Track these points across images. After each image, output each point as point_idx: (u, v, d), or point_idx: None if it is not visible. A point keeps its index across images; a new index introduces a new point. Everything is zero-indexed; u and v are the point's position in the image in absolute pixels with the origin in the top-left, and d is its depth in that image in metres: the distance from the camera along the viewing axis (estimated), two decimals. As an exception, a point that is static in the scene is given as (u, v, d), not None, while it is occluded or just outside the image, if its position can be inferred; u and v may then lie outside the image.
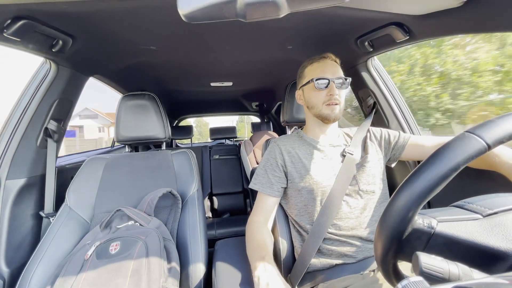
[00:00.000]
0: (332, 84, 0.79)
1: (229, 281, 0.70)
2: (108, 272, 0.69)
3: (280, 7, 0.40)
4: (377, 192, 0.80)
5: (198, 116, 3.48)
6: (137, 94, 1.11)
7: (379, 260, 0.38)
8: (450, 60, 3.22)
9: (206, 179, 2.30)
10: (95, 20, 0.82)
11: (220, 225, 1.82)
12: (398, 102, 1.16)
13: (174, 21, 0.86)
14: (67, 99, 1.09)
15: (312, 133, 0.89)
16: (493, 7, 0.62)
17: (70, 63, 1.03)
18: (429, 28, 0.80)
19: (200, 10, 0.40)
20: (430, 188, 0.33)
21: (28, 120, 0.96)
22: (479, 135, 0.33)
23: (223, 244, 0.92)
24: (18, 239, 0.93)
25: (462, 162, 0.32)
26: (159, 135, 1.11)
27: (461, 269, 0.31)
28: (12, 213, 0.91)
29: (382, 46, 1.01)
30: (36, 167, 1.02)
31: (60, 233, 0.87)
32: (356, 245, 0.75)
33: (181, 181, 1.03)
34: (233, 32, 1.02)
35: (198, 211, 0.95)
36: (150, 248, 0.74)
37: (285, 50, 1.22)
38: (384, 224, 0.36)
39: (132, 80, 1.64)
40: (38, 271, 0.77)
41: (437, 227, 0.35)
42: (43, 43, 0.84)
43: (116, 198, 0.99)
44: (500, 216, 0.35)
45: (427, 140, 0.82)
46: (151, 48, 1.12)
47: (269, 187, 0.84)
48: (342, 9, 0.80)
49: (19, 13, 0.70)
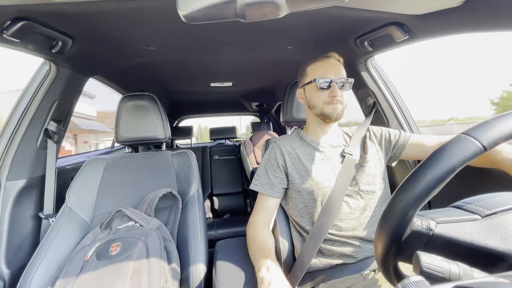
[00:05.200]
0: (334, 85, 0.79)
1: (229, 281, 0.70)
2: (108, 273, 0.69)
3: (279, 7, 0.41)
4: (378, 192, 0.80)
5: (198, 117, 3.48)
6: (137, 94, 1.11)
7: (380, 260, 0.38)
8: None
9: (206, 179, 2.30)
10: (95, 21, 0.82)
11: (220, 225, 1.82)
12: (398, 102, 1.16)
13: (174, 22, 0.86)
14: (67, 100, 1.09)
15: (313, 133, 0.89)
16: (492, 6, 0.62)
17: (70, 64, 1.03)
18: (429, 28, 0.80)
19: (199, 11, 0.40)
20: (427, 190, 0.33)
21: (28, 121, 0.96)
22: (475, 137, 0.33)
23: (223, 245, 0.92)
24: (18, 240, 0.93)
25: (458, 164, 0.32)
26: (159, 136, 1.11)
27: (461, 268, 0.31)
28: (12, 214, 0.91)
29: (382, 46, 1.01)
30: (36, 168, 1.02)
31: (60, 234, 0.86)
32: (357, 245, 0.75)
33: (181, 182, 1.03)
34: (232, 33, 1.02)
35: (198, 212, 0.95)
36: (150, 248, 0.74)
37: (285, 50, 1.22)
38: (383, 226, 0.36)
39: (131, 81, 1.64)
40: (38, 272, 0.77)
41: (435, 229, 0.35)
42: (43, 44, 0.84)
43: (116, 198, 0.99)
44: (499, 216, 0.34)
45: (428, 140, 0.82)
46: (151, 48, 1.12)
47: (270, 188, 0.84)
48: (342, 9, 0.79)
49: (19, 14, 0.70)
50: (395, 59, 72.00)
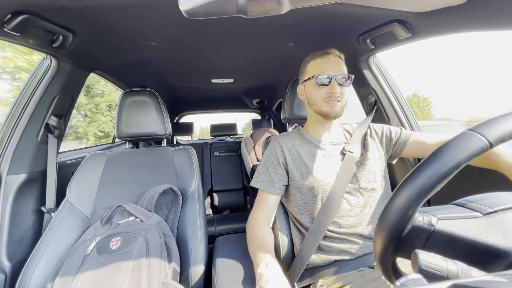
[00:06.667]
0: (333, 82, 0.78)
1: (228, 277, 0.71)
2: (108, 268, 0.70)
3: (282, 3, 0.40)
4: (378, 189, 0.80)
5: (198, 113, 3.47)
6: (138, 90, 1.11)
7: (378, 257, 0.38)
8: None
9: (206, 175, 2.30)
10: (96, 15, 0.81)
11: (220, 221, 1.83)
12: (399, 100, 1.15)
13: (175, 17, 0.86)
14: (67, 95, 1.09)
15: (313, 130, 0.89)
16: (496, 4, 0.62)
17: (71, 58, 1.02)
18: (432, 26, 0.80)
19: (201, 6, 0.40)
20: (431, 185, 0.33)
21: (29, 116, 0.97)
22: (481, 133, 0.33)
23: (223, 241, 0.92)
24: (19, 234, 0.93)
25: (463, 160, 0.32)
26: (159, 132, 1.11)
27: (459, 267, 0.31)
28: (14, 208, 0.92)
29: (384, 44, 1.00)
30: (37, 163, 1.02)
31: (61, 228, 0.87)
32: (356, 242, 0.76)
33: (182, 178, 1.04)
34: (234, 29, 1.01)
35: (199, 208, 0.95)
36: (150, 244, 0.75)
37: (287, 47, 1.21)
38: (384, 221, 0.36)
39: (133, 76, 1.64)
40: (39, 266, 0.78)
41: (437, 225, 0.35)
42: (43, 38, 0.84)
43: (117, 194, 0.99)
44: (500, 214, 0.35)
45: (429, 138, 0.82)
46: (152, 44, 1.12)
47: (270, 185, 0.84)
48: (344, 6, 0.79)
49: (19, 7, 0.70)
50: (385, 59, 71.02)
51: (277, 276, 0.61)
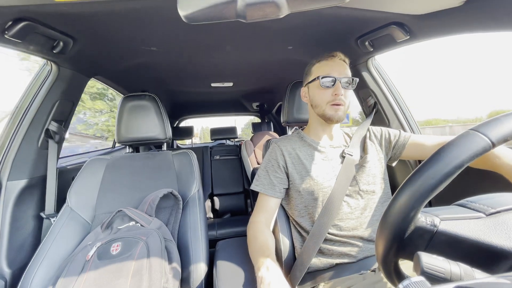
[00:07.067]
0: (338, 84, 0.78)
1: (230, 281, 0.70)
2: (109, 273, 0.69)
3: (280, 7, 0.41)
4: (378, 192, 0.80)
5: (198, 117, 3.48)
6: (138, 95, 1.12)
7: (380, 259, 0.38)
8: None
9: (207, 179, 2.30)
10: (96, 21, 0.82)
11: (221, 225, 1.82)
12: (398, 102, 1.15)
13: (175, 22, 0.87)
14: (68, 100, 1.09)
15: (314, 133, 0.89)
16: (493, 6, 0.62)
17: (71, 64, 1.03)
18: (430, 28, 0.80)
19: (200, 11, 0.40)
20: (434, 185, 0.33)
21: (29, 121, 0.97)
22: (483, 133, 0.33)
23: (224, 245, 0.92)
24: (19, 240, 0.93)
25: (466, 159, 0.32)
26: (159, 136, 1.11)
27: (462, 269, 0.31)
28: (14, 214, 0.92)
29: (382, 46, 1.01)
30: (37, 168, 1.02)
31: (61, 233, 0.87)
32: (357, 245, 0.75)
33: (182, 182, 1.03)
34: (233, 33, 1.02)
35: (199, 212, 0.95)
36: (151, 248, 0.74)
37: (286, 50, 1.22)
38: (386, 222, 0.35)
39: (132, 81, 1.64)
40: (39, 272, 0.78)
41: (440, 225, 0.34)
42: (44, 44, 0.84)
43: (117, 198, 0.99)
44: (503, 215, 0.34)
45: (428, 140, 0.82)
46: (152, 49, 1.13)
47: (271, 188, 0.84)
48: (342, 9, 0.79)
49: (20, 14, 0.71)
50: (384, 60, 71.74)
51: (278, 280, 0.61)
